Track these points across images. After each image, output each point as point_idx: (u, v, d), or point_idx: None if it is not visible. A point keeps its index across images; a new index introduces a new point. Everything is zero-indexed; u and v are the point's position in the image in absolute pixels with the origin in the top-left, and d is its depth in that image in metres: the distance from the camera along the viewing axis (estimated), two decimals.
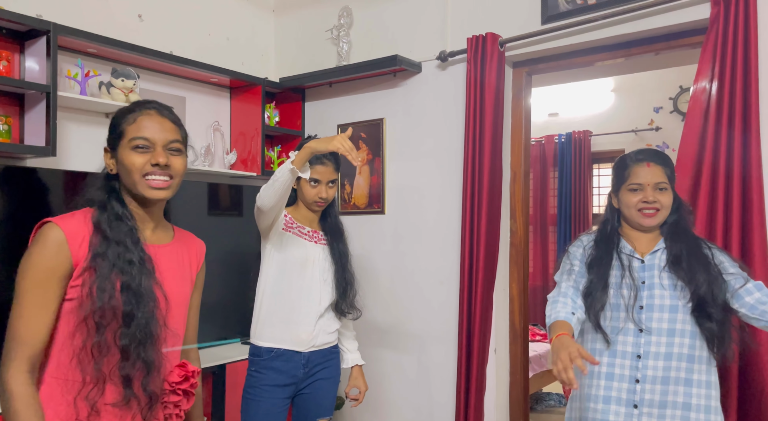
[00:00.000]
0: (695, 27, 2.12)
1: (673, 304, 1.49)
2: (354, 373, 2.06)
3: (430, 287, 2.72)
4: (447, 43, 2.68)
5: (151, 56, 2.53)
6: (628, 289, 1.52)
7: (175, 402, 1.20)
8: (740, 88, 1.91)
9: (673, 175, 1.58)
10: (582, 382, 1.58)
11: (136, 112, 1.19)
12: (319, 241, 1.95)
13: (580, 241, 1.68)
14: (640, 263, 1.56)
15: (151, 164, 1.16)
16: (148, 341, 1.12)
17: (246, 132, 3.04)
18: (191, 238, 1.35)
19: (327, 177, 1.90)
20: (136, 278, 1.12)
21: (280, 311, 1.88)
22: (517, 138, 2.63)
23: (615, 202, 1.62)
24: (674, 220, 1.58)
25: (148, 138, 1.16)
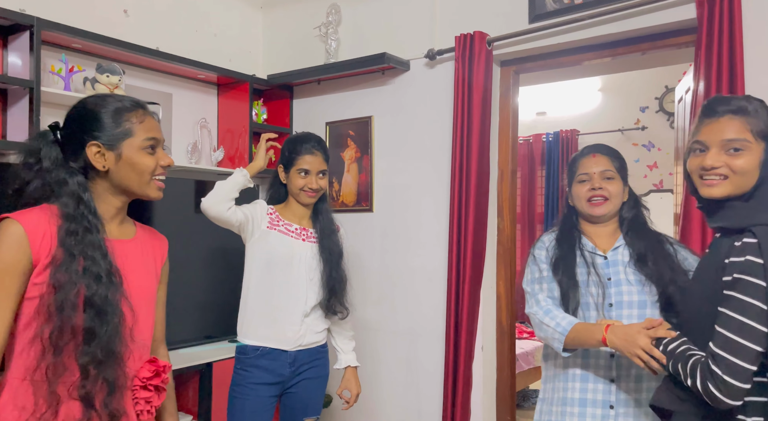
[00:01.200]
0: (680, 27, 2.15)
1: (641, 300, 1.49)
2: (347, 374, 2.04)
3: (418, 284, 2.73)
4: (435, 42, 2.68)
5: (136, 52, 2.51)
6: (596, 286, 1.51)
7: (146, 398, 1.18)
8: (726, 88, 1.94)
9: (623, 168, 1.59)
10: (556, 385, 1.57)
11: (140, 111, 1.18)
12: (308, 238, 1.93)
13: (542, 242, 1.65)
14: (603, 260, 1.55)
15: (161, 166, 1.19)
16: (110, 359, 1.08)
17: (233, 129, 3.02)
18: (153, 233, 1.34)
19: (317, 167, 1.90)
20: (102, 292, 1.08)
21: (265, 309, 1.86)
22: (505, 137, 2.64)
23: (570, 199, 1.63)
24: (633, 215, 1.59)
25: (157, 139, 1.19)
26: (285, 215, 1.93)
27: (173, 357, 2.45)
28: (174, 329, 2.64)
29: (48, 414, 1.06)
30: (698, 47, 2.01)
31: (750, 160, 1.14)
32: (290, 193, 1.94)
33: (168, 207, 2.65)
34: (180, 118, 2.91)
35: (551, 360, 1.61)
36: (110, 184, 1.18)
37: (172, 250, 2.55)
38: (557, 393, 1.56)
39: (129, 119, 1.16)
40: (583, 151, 1.62)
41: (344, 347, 2.04)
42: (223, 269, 2.76)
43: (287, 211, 1.95)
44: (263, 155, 1.96)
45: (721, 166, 1.15)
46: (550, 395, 1.60)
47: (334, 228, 1.98)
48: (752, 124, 1.15)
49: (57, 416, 1.07)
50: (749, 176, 1.14)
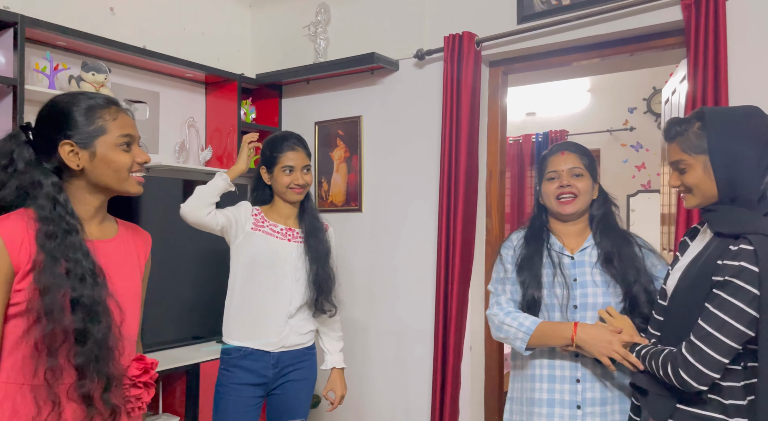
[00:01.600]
0: (667, 29, 2.16)
1: (605, 301, 1.48)
2: (332, 375, 2.03)
3: (407, 284, 2.73)
4: (424, 42, 2.68)
5: (122, 50, 2.48)
6: (561, 288, 1.50)
7: (137, 395, 1.19)
8: (711, 89, 1.95)
9: (592, 166, 1.58)
10: (523, 385, 1.56)
11: (113, 108, 1.17)
12: (294, 239, 1.92)
13: (510, 241, 1.65)
14: (570, 260, 1.54)
15: (137, 163, 1.18)
16: (105, 356, 1.09)
17: (222, 128, 3.00)
18: (136, 230, 1.32)
19: (300, 163, 1.89)
20: (88, 293, 1.08)
21: (249, 310, 1.85)
22: (493, 137, 2.65)
23: (540, 197, 1.63)
24: (602, 214, 1.59)
25: (132, 135, 1.18)
26: (270, 216, 1.92)
27: (160, 358, 2.44)
28: (162, 329, 2.63)
29: (51, 418, 1.06)
30: (689, 50, 2.02)
31: (694, 174, 1.27)
32: (276, 192, 1.93)
33: (155, 207, 2.63)
34: (167, 117, 2.89)
35: (518, 360, 1.60)
36: (86, 183, 1.16)
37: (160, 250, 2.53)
38: (525, 393, 1.56)
39: (102, 116, 1.15)
40: (552, 149, 1.62)
41: (331, 348, 2.02)
42: (211, 269, 2.75)
43: (273, 212, 1.94)
44: (245, 158, 1.95)
45: (679, 185, 1.31)
46: (519, 394, 1.59)
47: (320, 226, 1.97)
48: (683, 144, 1.28)
49: (60, 419, 1.07)
50: (705, 186, 1.26)
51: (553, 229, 1.61)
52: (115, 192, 1.19)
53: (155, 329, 2.60)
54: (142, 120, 2.76)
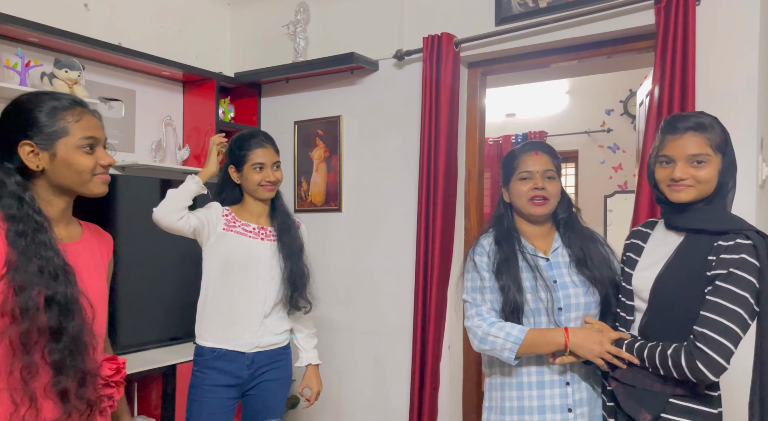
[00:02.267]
0: (640, 33, 2.20)
1: (587, 301, 1.49)
2: (308, 372, 2.02)
3: (386, 284, 2.73)
4: (404, 42, 2.69)
5: (97, 47, 2.44)
6: (544, 291, 1.48)
7: (108, 395, 1.19)
8: (678, 92, 1.99)
9: (559, 167, 1.60)
10: (507, 394, 1.51)
11: (77, 109, 1.15)
12: (267, 237, 1.90)
13: (482, 247, 1.57)
14: (546, 262, 1.54)
15: (101, 165, 1.17)
16: (81, 352, 1.09)
17: (200, 127, 2.97)
18: (99, 231, 1.32)
19: (270, 159, 1.88)
20: (62, 290, 1.08)
21: (223, 311, 1.84)
22: (472, 137, 2.67)
23: (506, 195, 1.60)
24: (567, 216, 1.59)
25: (96, 137, 1.16)
26: (242, 216, 1.90)
27: (136, 359, 2.41)
28: (138, 330, 2.59)
29: (28, 415, 1.05)
30: (655, 52, 2.06)
31: (711, 170, 1.30)
32: (247, 191, 1.90)
33: (132, 206, 2.59)
34: (144, 115, 2.85)
35: (497, 367, 1.54)
36: (49, 184, 1.15)
37: (137, 250, 2.51)
38: (510, 402, 1.50)
39: (64, 118, 1.13)
40: (524, 147, 1.59)
41: (306, 345, 2.02)
42: (189, 270, 2.71)
43: (244, 211, 1.92)
44: (215, 160, 1.92)
45: (687, 178, 1.31)
46: (499, 403, 1.53)
47: (292, 223, 1.95)
48: (711, 140, 1.30)
49: (38, 417, 1.07)
50: (711, 184, 1.31)
51: (521, 229, 1.59)
52: (79, 193, 1.18)
53: (131, 330, 2.56)
54: (118, 118, 2.72)
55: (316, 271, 2.08)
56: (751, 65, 1.95)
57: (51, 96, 1.16)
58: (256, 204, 1.92)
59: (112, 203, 2.52)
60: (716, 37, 2.01)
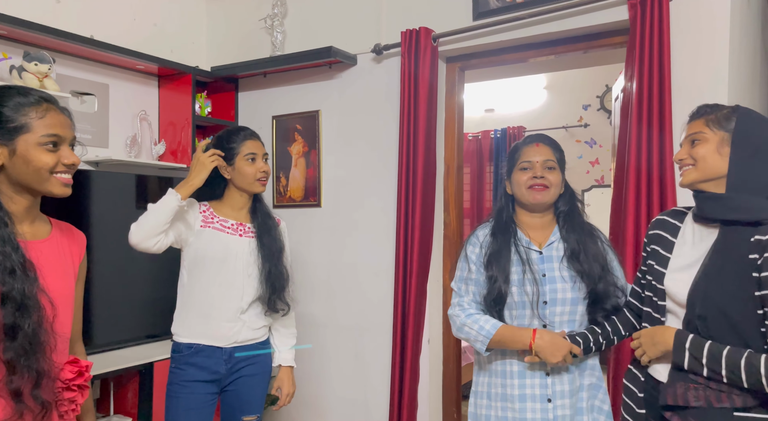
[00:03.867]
0: (615, 28, 2.23)
1: (573, 297, 1.52)
2: (280, 373, 1.99)
3: (366, 279, 2.73)
4: (382, 37, 2.68)
5: (68, 40, 2.38)
6: (531, 284, 1.51)
7: (70, 398, 1.16)
8: (656, 87, 2.02)
9: (562, 160, 1.61)
10: (493, 380, 1.58)
11: (43, 105, 1.12)
12: (245, 234, 1.88)
13: (476, 237, 1.63)
14: (539, 255, 1.56)
15: (63, 164, 1.13)
16: (36, 351, 1.06)
17: (176, 122, 2.93)
18: (71, 230, 1.28)
19: (261, 150, 1.88)
20: (19, 286, 1.05)
21: (200, 307, 1.82)
22: (451, 132, 2.67)
23: (509, 187, 1.63)
24: (568, 209, 1.60)
25: (60, 136, 1.13)
26: (221, 211, 1.87)
27: (113, 358, 2.38)
28: (114, 328, 2.55)
29: None
30: (630, 48, 2.09)
31: (705, 146, 1.27)
32: (239, 185, 1.86)
33: (107, 202, 2.55)
34: (118, 109, 2.80)
35: (483, 356, 1.59)
36: (9, 181, 1.12)
37: (112, 247, 2.47)
38: (495, 388, 1.57)
39: (27, 114, 1.10)
40: (526, 139, 1.63)
41: (281, 345, 1.99)
42: (165, 266, 2.67)
43: (224, 206, 1.89)
44: (206, 174, 1.76)
45: (686, 157, 1.31)
46: (486, 389, 1.60)
47: (273, 224, 1.94)
48: (709, 119, 1.29)
49: None
50: (710, 161, 1.26)
51: (519, 221, 1.62)
52: (38, 192, 1.15)
53: (107, 328, 2.52)
54: (90, 113, 2.66)
55: (296, 267, 2.07)
56: (722, 60, 1.99)
57: (18, 91, 1.13)
58: (239, 198, 1.88)
59: (86, 199, 2.47)
60: (689, 33, 2.04)
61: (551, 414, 1.50)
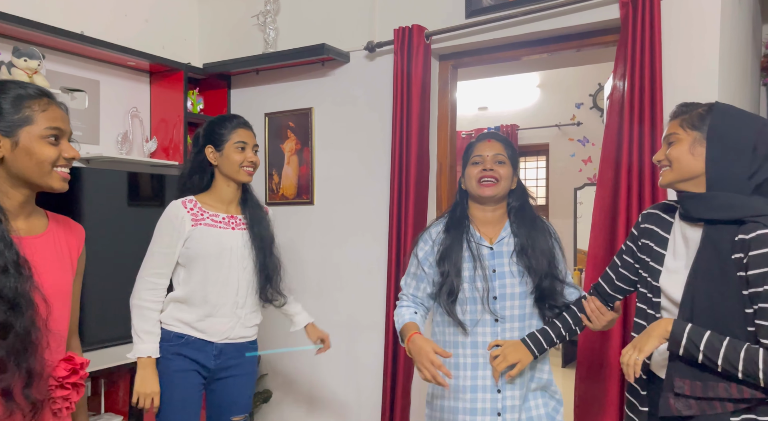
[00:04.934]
0: (607, 26, 2.23)
1: (522, 291, 1.57)
2: (308, 328, 2.07)
3: (359, 276, 2.73)
4: (375, 34, 2.68)
5: (58, 36, 2.37)
6: (482, 281, 1.56)
7: (64, 396, 1.15)
8: (648, 86, 2.03)
9: (514, 157, 1.64)
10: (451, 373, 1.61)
11: (44, 99, 1.12)
12: (237, 226, 1.85)
13: (429, 234, 1.67)
14: (490, 251, 1.60)
15: (64, 157, 1.13)
16: (28, 350, 1.05)
17: (168, 119, 2.91)
18: (68, 223, 1.27)
19: (252, 140, 1.86)
20: (11, 284, 1.04)
21: (196, 303, 1.79)
22: (443, 130, 2.67)
23: (463, 183, 1.67)
24: (520, 204, 1.65)
25: (61, 129, 1.13)
26: (209, 205, 1.83)
27: (104, 356, 2.36)
28: (106, 326, 2.53)
29: None
30: (620, 46, 2.10)
31: (679, 148, 1.28)
32: (225, 173, 1.83)
33: (99, 199, 2.53)
34: (109, 106, 2.78)
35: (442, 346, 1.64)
36: (7, 174, 1.11)
37: (103, 244, 2.45)
38: (450, 380, 1.59)
39: (30, 107, 1.10)
40: (480, 137, 1.69)
41: (295, 309, 2.05)
42: None
43: (212, 198, 1.85)
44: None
45: (663, 159, 1.32)
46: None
47: (263, 214, 1.92)
48: (684, 120, 1.30)
49: None
50: (684, 162, 1.27)
51: (472, 215, 1.66)
52: (37, 186, 1.14)
53: (98, 326, 2.50)
54: (81, 109, 2.64)
55: (289, 264, 2.06)
56: (713, 59, 2.00)
57: (17, 84, 1.13)
58: (228, 190, 1.85)
59: (78, 197, 2.46)
60: (679, 32, 2.05)
61: (500, 404, 1.55)
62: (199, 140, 1.87)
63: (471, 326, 1.57)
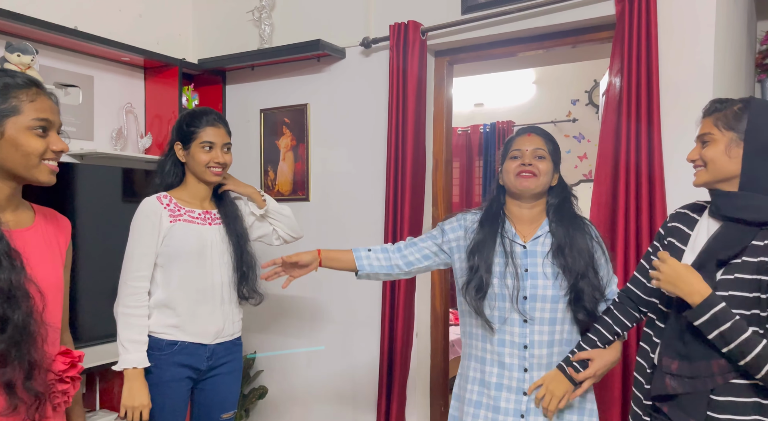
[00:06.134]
0: (603, 23, 2.23)
1: (554, 294, 1.51)
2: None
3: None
4: (371, 30, 2.67)
5: (51, 31, 2.35)
6: (512, 278, 1.51)
7: (63, 390, 1.14)
8: (644, 82, 2.03)
9: (555, 153, 1.60)
10: (475, 365, 1.59)
11: (32, 89, 1.10)
12: (213, 221, 1.83)
13: (464, 218, 1.65)
14: (522, 249, 1.55)
15: (52, 150, 1.10)
16: (27, 342, 1.04)
17: (162, 115, 2.90)
18: (55, 215, 1.26)
19: (221, 140, 1.79)
20: (5, 277, 1.03)
21: (181, 304, 1.75)
22: (439, 127, 2.67)
23: (501, 178, 1.63)
24: (560, 201, 1.59)
25: (50, 120, 1.10)
26: (183, 200, 1.80)
27: (98, 352, 2.35)
28: (99, 322, 2.52)
29: None
30: (615, 43, 2.10)
31: (715, 148, 1.27)
32: (193, 172, 1.80)
33: (93, 196, 2.52)
34: (103, 102, 2.76)
35: (468, 339, 1.62)
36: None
37: (97, 241, 2.44)
38: (476, 373, 1.59)
39: (17, 96, 1.08)
40: (519, 131, 1.63)
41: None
42: None
43: (185, 193, 1.81)
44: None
45: (697, 159, 1.31)
46: (468, 373, 1.62)
47: (236, 209, 1.90)
48: (718, 119, 1.28)
49: None
50: (720, 163, 1.26)
51: (509, 212, 1.61)
52: (24, 179, 1.12)
53: (93, 322, 2.49)
54: (75, 105, 2.63)
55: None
56: (707, 55, 2.00)
57: (6, 73, 1.10)
58: (199, 187, 1.82)
59: (72, 193, 2.44)
60: (673, 28, 2.05)
61: (524, 406, 1.51)
62: (172, 135, 1.84)
63: (499, 324, 1.53)
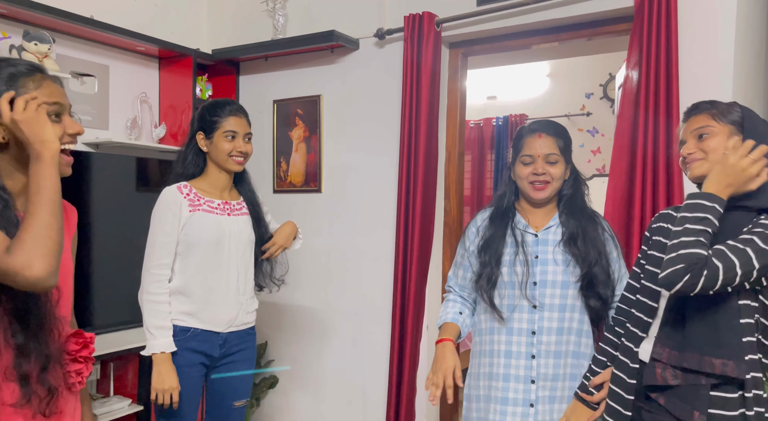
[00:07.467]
0: (620, 15, 2.20)
1: (564, 280, 1.52)
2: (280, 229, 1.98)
3: (366, 265, 2.74)
4: (385, 21, 2.65)
5: (68, 20, 2.36)
6: (522, 265, 1.53)
7: (77, 370, 1.15)
8: (663, 76, 2.00)
9: (567, 149, 1.58)
10: (482, 361, 1.62)
11: (37, 75, 1.09)
12: (233, 212, 1.85)
13: (475, 222, 1.68)
14: (534, 238, 1.57)
15: (68, 134, 1.10)
16: (45, 334, 1.05)
17: (176, 105, 2.91)
18: (63, 204, 1.26)
19: (244, 129, 1.82)
20: None
21: (197, 292, 1.78)
22: (452, 119, 2.66)
23: (513, 175, 1.62)
24: (572, 193, 1.60)
25: (62, 104, 1.09)
26: (203, 190, 1.81)
27: (112, 340, 2.39)
28: (114, 311, 2.56)
29: None
30: (634, 35, 2.07)
31: (716, 139, 1.28)
32: (215, 161, 1.82)
33: (108, 185, 2.54)
34: (118, 91, 2.78)
35: (477, 337, 1.66)
36: (12, 157, 1.08)
37: (111, 229, 2.47)
38: (483, 368, 1.61)
39: (25, 84, 1.06)
40: (531, 127, 1.60)
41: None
42: None
43: (206, 184, 1.83)
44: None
45: (695, 152, 1.31)
46: (477, 370, 1.64)
47: (258, 198, 1.94)
48: (713, 113, 1.31)
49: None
50: (721, 153, 1.26)
51: (520, 206, 1.64)
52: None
53: (107, 310, 2.53)
54: (90, 94, 2.65)
55: (296, 252, 2.07)
56: (727, 52, 1.97)
57: (8, 62, 1.08)
58: (220, 177, 1.84)
59: (86, 182, 2.47)
60: (693, 23, 2.02)
61: (533, 395, 1.52)
62: (193, 125, 1.86)
63: (508, 312, 1.55)
